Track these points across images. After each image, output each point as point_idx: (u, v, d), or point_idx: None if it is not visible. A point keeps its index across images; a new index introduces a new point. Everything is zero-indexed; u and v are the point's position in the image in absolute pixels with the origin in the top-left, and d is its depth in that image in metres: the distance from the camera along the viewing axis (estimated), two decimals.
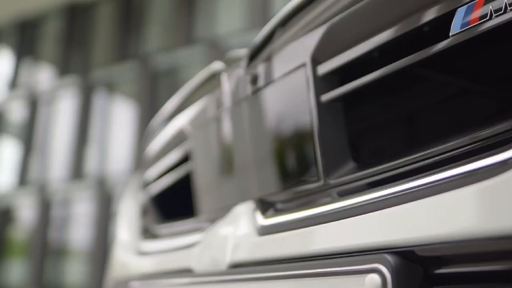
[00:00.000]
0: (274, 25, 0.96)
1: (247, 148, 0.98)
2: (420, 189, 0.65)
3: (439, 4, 0.67)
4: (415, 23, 0.70)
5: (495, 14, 0.61)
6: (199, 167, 1.18)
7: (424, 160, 0.70)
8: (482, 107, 0.87)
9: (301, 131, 0.86)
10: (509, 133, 0.61)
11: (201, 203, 1.17)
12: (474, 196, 0.59)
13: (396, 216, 0.66)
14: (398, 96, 0.91)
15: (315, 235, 0.76)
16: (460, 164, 0.62)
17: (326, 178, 0.80)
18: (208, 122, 1.13)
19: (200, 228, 1.11)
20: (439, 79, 0.86)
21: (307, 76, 0.83)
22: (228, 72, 1.08)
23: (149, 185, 1.48)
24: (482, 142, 0.64)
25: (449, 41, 0.66)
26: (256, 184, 0.96)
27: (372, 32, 0.75)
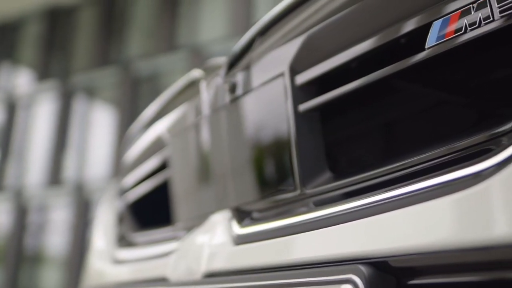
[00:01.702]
0: (253, 34, 0.96)
1: (225, 156, 0.97)
2: (394, 199, 0.66)
3: (416, 17, 0.68)
4: (392, 35, 0.71)
5: (469, 28, 0.62)
6: (176, 174, 1.17)
7: (399, 171, 0.71)
8: (458, 118, 0.88)
9: (278, 140, 0.85)
10: (483, 144, 0.62)
11: (178, 211, 1.16)
12: (447, 208, 0.59)
13: (370, 226, 0.67)
14: (376, 106, 0.92)
15: (291, 245, 0.76)
16: (434, 175, 0.63)
17: (302, 187, 0.80)
18: (186, 129, 1.12)
19: (176, 237, 1.10)
20: (416, 90, 0.87)
21: (285, 85, 0.83)
22: (207, 80, 1.08)
23: (126, 192, 1.47)
24: (457, 153, 0.65)
25: (425, 53, 0.67)
26: (233, 193, 0.95)
27: (350, 43, 0.76)
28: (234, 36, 8.00)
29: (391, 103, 0.91)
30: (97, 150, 10.18)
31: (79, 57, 11.09)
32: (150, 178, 1.33)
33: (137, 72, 9.92)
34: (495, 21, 0.60)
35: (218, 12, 9.31)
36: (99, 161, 9.92)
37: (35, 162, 10.98)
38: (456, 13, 0.64)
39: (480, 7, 0.61)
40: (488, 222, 0.55)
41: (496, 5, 0.60)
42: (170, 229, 1.18)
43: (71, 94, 10.86)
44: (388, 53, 0.73)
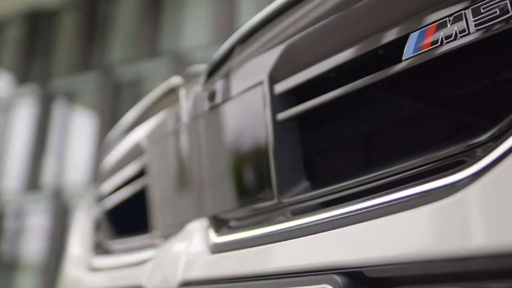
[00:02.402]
0: (233, 42, 0.96)
1: (203, 164, 0.97)
2: (370, 210, 0.66)
3: (394, 29, 0.69)
4: (370, 46, 0.71)
5: (446, 40, 0.63)
6: (154, 182, 1.16)
7: (376, 181, 0.71)
8: (435, 129, 0.89)
9: (256, 149, 0.85)
10: (460, 155, 0.63)
11: (155, 219, 1.15)
12: (424, 218, 0.59)
13: (346, 236, 0.67)
14: (354, 116, 0.92)
15: (267, 254, 0.76)
16: (411, 185, 0.63)
17: (279, 196, 0.80)
18: (165, 137, 1.12)
19: (153, 245, 1.09)
20: (394, 100, 0.88)
21: (264, 94, 0.83)
22: (186, 88, 1.07)
23: (104, 199, 1.45)
24: (435, 163, 0.65)
25: (402, 65, 0.67)
26: (211, 201, 0.95)
27: (329, 53, 0.76)
28: (216, 43, 8.00)
29: (370, 113, 0.92)
30: (76, 155, 10.07)
31: (60, 61, 10.98)
32: (128, 185, 1.32)
33: (119, 78, 9.86)
34: (471, 34, 0.61)
35: (201, 19, 9.31)
36: (79, 167, 9.81)
37: (13, 167, 10.81)
38: (433, 25, 0.64)
39: (456, 20, 0.62)
40: (464, 233, 0.56)
41: (471, 18, 0.61)
42: (147, 237, 1.17)
43: (51, 99, 10.74)
44: (366, 64, 0.74)
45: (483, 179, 0.56)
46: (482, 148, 0.60)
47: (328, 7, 0.79)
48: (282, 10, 0.87)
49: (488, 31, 0.60)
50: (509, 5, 0.58)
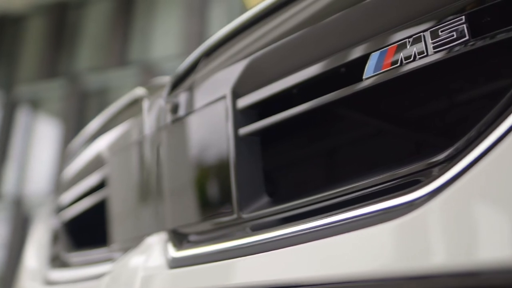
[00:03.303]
0: (198, 55, 0.96)
1: (163, 177, 0.96)
2: (330, 226, 0.66)
3: (355, 48, 0.70)
4: (332, 64, 0.72)
5: (405, 61, 0.64)
6: (114, 194, 1.14)
7: (336, 197, 0.71)
8: (396, 147, 0.90)
9: (217, 163, 0.85)
10: (417, 174, 0.63)
11: (114, 231, 1.13)
12: (382, 235, 0.60)
13: (306, 253, 0.67)
14: (317, 132, 0.93)
15: (226, 269, 0.75)
16: (370, 203, 0.64)
17: (239, 212, 0.79)
18: (127, 148, 1.10)
19: (111, 258, 1.07)
20: (355, 118, 0.89)
21: (227, 108, 0.83)
22: (149, 99, 1.06)
23: (63, 210, 1.42)
24: (394, 182, 0.66)
25: (362, 84, 0.68)
26: (171, 215, 0.93)
27: (292, 70, 0.76)
28: (186, 54, 7.94)
29: (332, 130, 0.92)
30: (39, 164, 9.85)
31: (25, 68, 10.77)
32: (88, 197, 1.29)
33: (86, 86, 9.72)
34: (429, 56, 0.62)
35: (171, 29, 9.29)
36: (41, 176, 9.60)
37: None
38: (393, 46, 0.65)
39: (415, 41, 0.63)
40: (421, 251, 0.56)
41: (430, 40, 0.62)
42: (105, 250, 1.15)
43: (14, 105, 10.51)
44: (328, 81, 0.74)
45: (439, 198, 0.57)
46: (440, 167, 0.61)
47: (292, 25, 0.80)
48: (247, 25, 0.87)
49: (446, 53, 0.61)
50: (466, 29, 0.60)
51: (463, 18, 0.60)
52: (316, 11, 0.77)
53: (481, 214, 0.55)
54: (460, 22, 0.60)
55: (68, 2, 10.59)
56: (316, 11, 0.77)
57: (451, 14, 0.61)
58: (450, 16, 0.61)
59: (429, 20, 0.62)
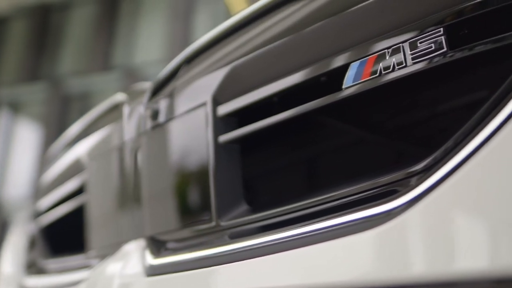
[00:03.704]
0: (179, 62, 0.95)
1: (142, 184, 0.95)
2: (309, 235, 0.66)
3: (336, 57, 0.70)
4: (312, 73, 0.72)
5: (384, 71, 0.65)
6: (92, 200, 1.13)
7: (315, 206, 0.72)
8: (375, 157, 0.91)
9: (197, 170, 0.84)
10: (396, 184, 0.64)
11: (92, 238, 1.11)
12: (360, 244, 0.60)
13: (284, 261, 0.66)
14: (297, 141, 0.93)
15: (204, 277, 0.75)
16: (349, 212, 0.64)
17: (218, 219, 0.79)
18: (106, 154, 1.09)
19: (88, 265, 1.06)
20: (336, 127, 0.89)
21: (207, 115, 0.83)
22: (130, 105, 1.05)
23: (40, 215, 1.40)
24: (373, 191, 0.66)
25: (342, 93, 0.69)
26: (149, 222, 0.93)
27: (273, 78, 0.77)
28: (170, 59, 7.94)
29: (312, 139, 0.93)
30: (19, 168, 9.72)
31: (6, 70, 10.64)
32: (66, 202, 1.28)
33: (68, 90, 9.64)
34: (408, 66, 0.63)
35: (156, 35, 9.26)
36: (21, 180, 9.47)
37: None
38: (373, 56, 0.66)
39: (394, 52, 0.64)
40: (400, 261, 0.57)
41: (409, 51, 0.63)
42: (82, 257, 1.13)
43: None
44: (308, 90, 0.75)
45: (416, 208, 0.58)
46: (418, 176, 0.61)
47: (273, 33, 0.80)
48: (228, 33, 0.87)
49: (424, 65, 0.62)
50: (444, 41, 0.60)
51: (442, 30, 0.60)
52: (297, 20, 0.78)
53: (458, 223, 0.55)
54: (439, 34, 0.61)
55: (51, 4, 10.51)
56: (298, 20, 0.78)
57: (430, 26, 0.61)
58: (429, 27, 0.61)
59: (408, 31, 0.63)
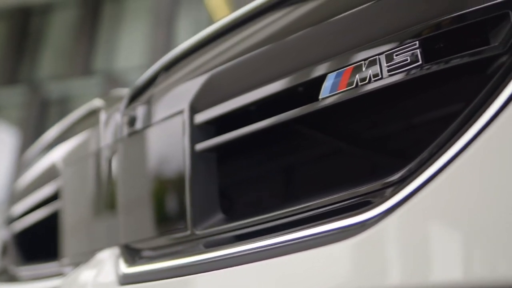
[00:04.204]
0: (158, 69, 0.95)
1: (118, 191, 0.94)
2: (284, 245, 0.66)
3: (313, 68, 0.70)
4: (290, 83, 0.73)
5: (360, 83, 0.65)
6: (67, 206, 1.11)
7: (291, 216, 0.71)
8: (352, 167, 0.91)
9: (173, 178, 0.84)
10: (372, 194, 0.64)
11: (66, 245, 1.10)
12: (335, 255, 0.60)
13: (258, 271, 0.66)
14: (274, 150, 0.93)
15: (177, 287, 0.74)
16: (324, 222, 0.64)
17: (193, 228, 0.78)
18: (82, 160, 1.08)
19: (61, 273, 1.04)
20: (313, 137, 0.89)
21: (184, 123, 0.82)
22: (107, 111, 1.04)
23: (14, 221, 1.37)
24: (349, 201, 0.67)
25: (318, 104, 0.69)
26: (124, 229, 0.92)
27: (250, 87, 0.77)
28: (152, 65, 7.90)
29: (290, 148, 0.93)
30: None
31: None
32: (40, 208, 1.26)
33: (47, 94, 9.53)
34: (384, 78, 0.63)
35: (138, 40, 9.22)
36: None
37: None
38: (349, 68, 0.66)
39: (370, 64, 0.64)
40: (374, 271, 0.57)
41: (385, 64, 0.63)
42: (55, 264, 1.12)
43: None
44: (286, 100, 0.75)
45: (390, 219, 0.58)
46: (393, 187, 0.62)
47: (251, 42, 0.80)
48: (207, 41, 0.87)
49: (399, 77, 0.62)
50: (420, 54, 0.61)
51: (417, 43, 0.61)
52: (275, 30, 0.78)
53: (432, 234, 0.56)
54: (414, 47, 0.61)
55: (32, 7, 10.40)
56: (276, 30, 0.78)
57: (406, 39, 0.62)
58: (405, 40, 0.62)
59: (384, 43, 0.64)
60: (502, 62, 0.57)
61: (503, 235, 0.51)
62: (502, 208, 0.51)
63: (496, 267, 0.51)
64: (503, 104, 0.54)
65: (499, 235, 0.51)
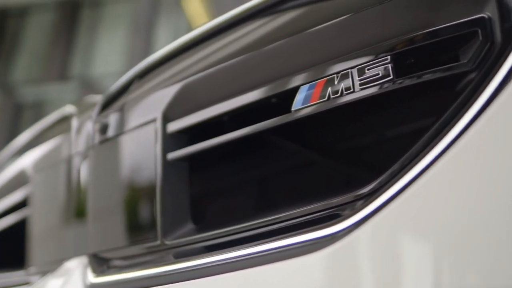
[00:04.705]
0: (132, 76, 0.94)
1: (88, 199, 0.93)
2: (254, 256, 0.66)
3: (287, 79, 0.70)
4: (263, 94, 0.73)
5: (333, 96, 0.65)
6: (35, 214, 1.09)
7: (262, 227, 0.71)
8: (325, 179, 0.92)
9: (143, 187, 0.83)
10: (341, 207, 0.64)
11: (33, 253, 1.08)
12: (305, 268, 0.60)
13: (228, 283, 0.66)
14: (247, 161, 0.93)
15: None
16: (294, 234, 0.64)
17: (163, 238, 0.78)
18: (52, 167, 1.06)
19: (27, 282, 1.02)
20: (286, 149, 0.90)
21: (156, 132, 0.82)
22: (79, 118, 1.03)
23: None
24: (319, 213, 0.67)
25: (291, 115, 0.69)
26: (93, 238, 0.90)
27: (224, 97, 0.77)
28: None
29: (263, 159, 0.93)
30: None
31: None
32: (8, 215, 1.24)
33: (21, 98, 9.39)
34: (355, 92, 0.64)
35: (116, 46, 9.17)
36: None
37: None
38: (322, 80, 0.67)
39: (343, 78, 0.65)
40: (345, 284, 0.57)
41: (357, 77, 0.64)
42: (22, 273, 1.09)
43: None
44: (259, 111, 0.75)
45: (360, 231, 0.58)
46: (363, 200, 0.62)
47: (226, 53, 0.80)
48: (182, 50, 0.87)
49: (371, 91, 0.63)
50: (391, 69, 0.62)
51: (389, 58, 0.62)
52: (250, 41, 0.78)
53: (402, 246, 0.56)
54: (386, 62, 0.62)
55: (8, 9, 10.26)
56: (250, 41, 0.78)
57: (378, 53, 0.63)
58: (377, 55, 0.63)
59: (357, 57, 0.64)
60: (471, 78, 0.58)
61: (472, 247, 0.51)
62: (470, 220, 0.52)
63: (466, 279, 0.51)
64: (472, 119, 0.55)
65: (468, 247, 0.52)
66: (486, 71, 0.57)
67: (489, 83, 0.56)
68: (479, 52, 0.57)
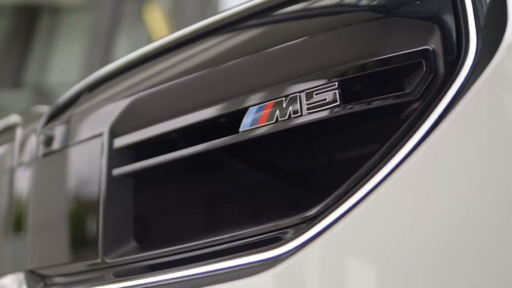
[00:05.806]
0: (81, 89, 0.93)
1: (28, 213, 0.90)
2: (194, 277, 0.66)
3: (236, 100, 0.70)
4: (212, 113, 0.72)
5: (280, 118, 0.66)
6: None
7: (205, 247, 0.71)
8: (272, 200, 0.92)
9: (87, 203, 0.81)
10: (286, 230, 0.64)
11: None
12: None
13: None
14: (195, 179, 0.92)
15: None
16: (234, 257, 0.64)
17: (104, 256, 0.76)
18: None
19: None
20: (237, 168, 0.89)
21: (103, 146, 0.80)
22: (24, 128, 1.00)
23: None
24: (263, 235, 0.66)
25: (238, 136, 0.69)
26: (32, 254, 0.87)
27: (172, 114, 0.76)
28: None
29: (209, 178, 0.92)
30: None
31: None
32: None
33: None
34: (303, 116, 0.64)
35: (73, 56, 9.00)
36: None
37: None
38: (271, 103, 0.67)
39: (291, 101, 0.65)
40: None
41: (305, 101, 0.64)
42: None
43: None
44: (208, 130, 0.74)
45: (302, 253, 0.59)
46: (309, 222, 0.62)
47: (176, 70, 0.80)
48: (133, 65, 0.86)
49: (318, 115, 0.63)
50: (338, 95, 0.63)
51: (336, 84, 0.63)
52: (201, 60, 0.78)
53: (346, 268, 0.57)
54: (333, 87, 0.63)
55: None
56: (201, 60, 0.78)
57: (326, 79, 0.64)
58: (325, 80, 0.64)
59: (306, 81, 0.65)
60: (415, 107, 0.59)
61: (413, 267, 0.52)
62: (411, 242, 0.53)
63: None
64: (414, 146, 0.57)
65: (410, 269, 0.53)
66: (429, 101, 0.58)
67: (431, 112, 0.58)
68: (423, 83, 0.59)
